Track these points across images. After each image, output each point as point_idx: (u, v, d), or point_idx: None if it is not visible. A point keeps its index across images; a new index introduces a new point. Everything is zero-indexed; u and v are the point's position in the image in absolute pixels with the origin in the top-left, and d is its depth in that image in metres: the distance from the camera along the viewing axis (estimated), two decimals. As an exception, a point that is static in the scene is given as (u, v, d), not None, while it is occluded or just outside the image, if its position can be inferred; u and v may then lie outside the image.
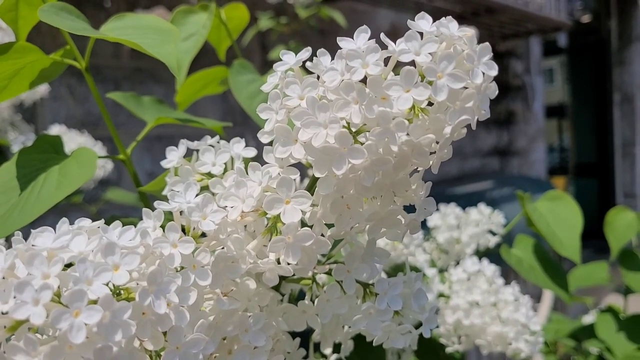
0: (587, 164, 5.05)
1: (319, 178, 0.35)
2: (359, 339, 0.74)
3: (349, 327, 0.45)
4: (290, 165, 0.37)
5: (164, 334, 0.31)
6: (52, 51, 0.54)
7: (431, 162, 0.35)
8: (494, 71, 0.32)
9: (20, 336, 0.27)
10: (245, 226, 0.37)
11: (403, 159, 0.34)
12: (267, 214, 0.37)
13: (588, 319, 1.52)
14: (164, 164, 0.43)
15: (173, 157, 0.43)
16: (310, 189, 0.37)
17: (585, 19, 4.62)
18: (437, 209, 0.83)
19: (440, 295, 0.72)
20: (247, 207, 0.35)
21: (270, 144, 0.37)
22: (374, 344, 0.40)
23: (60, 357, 0.26)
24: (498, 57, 3.40)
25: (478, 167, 3.34)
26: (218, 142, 0.43)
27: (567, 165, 5.36)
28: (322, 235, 0.37)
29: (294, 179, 0.35)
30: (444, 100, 0.31)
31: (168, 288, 0.30)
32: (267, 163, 0.37)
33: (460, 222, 0.82)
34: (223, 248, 0.35)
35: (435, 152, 0.35)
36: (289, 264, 0.35)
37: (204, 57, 0.84)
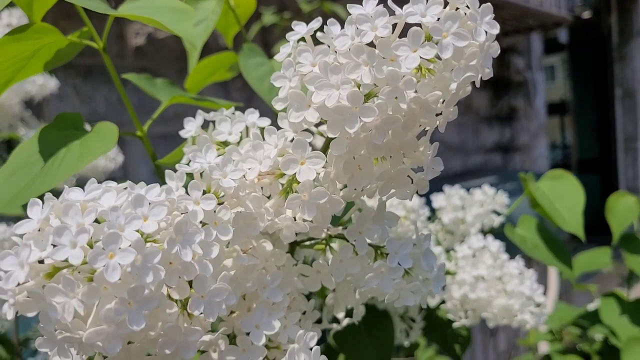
0: (589, 160, 5.06)
1: (331, 140, 0.37)
2: (367, 316, 0.76)
3: (360, 293, 0.47)
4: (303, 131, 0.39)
5: (190, 284, 0.33)
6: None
7: (438, 122, 0.37)
8: (495, 30, 0.34)
9: (58, 280, 0.29)
10: (262, 189, 0.39)
11: (411, 117, 0.36)
12: (282, 176, 0.39)
13: (592, 306, 1.54)
14: (183, 133, 0.45)
15: (191, 127, 0.45)
16: (324, 151, 0.39)
17: (586, 14, 4.63)
18: (442, 191, 0.85)
19: (447, 272, 0.74)
20: (264, 167, 0.37)
21: (284, 111, 0.39)
22: (385, 301, 0.42)
23: (96, 298, 0.28)
24: (499, 53, 3.41)
25: (481, 163, 3.35)
26: (233, 114, 0.45)
27: (570, 162, 5.37)
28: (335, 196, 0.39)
29: (309, 141, 0.37)
30: (450, 58, 0.33)
31: (193, 238, 0.32)
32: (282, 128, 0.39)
33: (465, 203, 0.84)
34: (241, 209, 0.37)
35: (441, 114, 0.37)
36: (305, 221, 0.37)
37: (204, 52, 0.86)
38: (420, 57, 0.33)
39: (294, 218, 0.38)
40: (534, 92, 3.76)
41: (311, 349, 0.39)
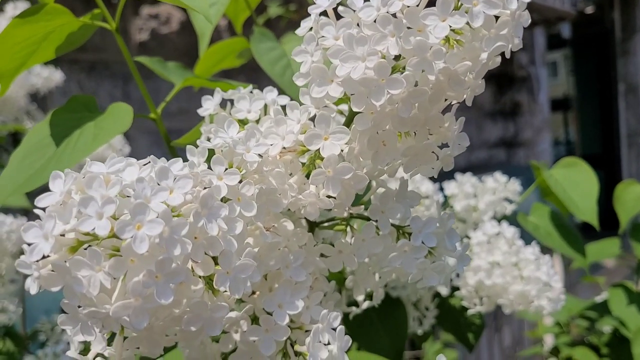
0: (593, 155, 5.04)
1: (355, 116, 0.36)
2: (380, 305, 0.76)
3: (382, 274, 0.46)
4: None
5: (214, 262, 0.33)
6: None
7: (465, 95, 0.36)
8: (527, -2, 0.33)
9: (83, 253, 0.28)
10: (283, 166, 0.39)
11: (439, 90, 0.35)
12: (304, 153, 0.38)
13: (600, 299, 1.53)
14: (200, 112, 0.44)
15: (209, 105, 0.44)
16: (347, 126, 0.38)
17: (589, 9, 4.62)
18: (454, 178, 0.84)
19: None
20: (287, 142, 0.37)
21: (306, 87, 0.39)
22: (409, 281, 0.41)
23: (123, 270, 0.27)
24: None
25: (485, 159, 3.34)
26: (251, 92, 0.44)
27: (573, 157, 5.34)
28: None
29: (332, 116, 0.37)
30: (480, 27, 0.32)
31: (218, 212, 0.31)
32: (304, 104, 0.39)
33: (477, 190, 0.83)
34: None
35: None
36: (329, 197, 0.37)
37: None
38: (450, 27, 0.32)
39: (318, 194, 0.37)
40: (537, 87, 3.75)
41: (335, 329, 0.38)
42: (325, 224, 0.46)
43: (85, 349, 0.37)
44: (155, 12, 2.00)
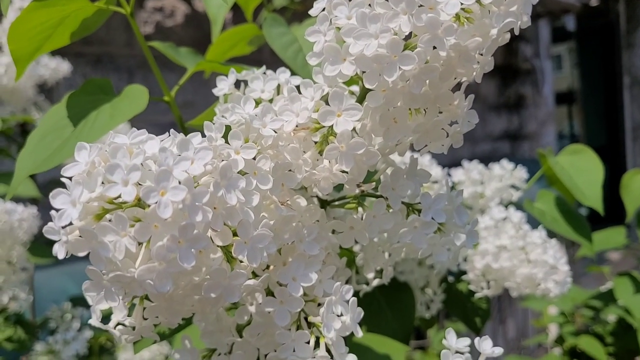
0: (597, 148, 5.02)
1: (367, 93, 0.37)
2: (387, 289, 0.77)
3: (392, 250, 0.47)
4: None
5: (232, 233, 0.34)
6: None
7: (474, 73, 0.37)
8: (537, -26, 0.34)
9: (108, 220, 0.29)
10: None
11: (449, 67, 0.36)
12: (317, 130, 0.39)
13: (605, 289, 1.53)
14: (215, 91, 0.45)
15: (224, 85, 0.45)
16: (360, 103, 0.39)
17: (594, 2, 4.60)
18: (461, 165, 0.85)
19: (467, 245, 0.74)
20: (301, 119, 0.38)
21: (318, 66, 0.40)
22: (419, 256, 0.42)
23: (148, 235, 0.28)
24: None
25: (489, 151, 3.35)
26: (264, 73, 0.45)
27: (577, 151, 5.33)
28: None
29: (345, 93, 0.38)
30: (490, 4, 0.33)
31: (237, 183, 0.32)
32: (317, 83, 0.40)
33: (484, 177, 0.84)
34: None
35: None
36: (342, 172, 0.38)
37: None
38: (461, 4, 0.33)
39: (331, 169, 0.38)
40: (542, 79, 3.74)
41: (347, 301, 0.39)
42: (336, 203, 0.47)
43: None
44: (159, 5, 2.01)
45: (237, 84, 0.46)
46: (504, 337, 2.89)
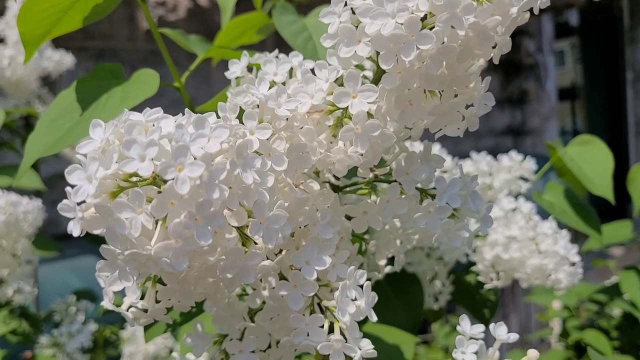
0: (600, 144, 5.01)
1: (382, 75, 0.37)
2: (395, 280, 0.76)
3: (406, 236, 0.47)
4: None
5: (248, 214, 0.33)
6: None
7: (492, 54, 0.37)
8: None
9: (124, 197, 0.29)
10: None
11: (467, 47, 0.35)
12: (332, 112, 0.39)
13: (610, 283, 1.53)
14: (228, 74, 0.44)
15: (236, 68, 0.44)
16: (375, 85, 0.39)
17: (597, -3, 4.59)
18: (469, 157, 0.85)
19: (477, 235, 0.74)
20: (316, 100, 0.37)
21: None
22: (433, 241, 0.42)
23: (164, 212, 0.28)
24: (510, 35, 3.38)
25: (492, 146, 3.34)
26: (277, 57, 0.44)
27: (580, 147, 5.32)
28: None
29: (360, 75, 0.37)
30: (511, -19, 0.33)
31: (253, 163, 0.32)
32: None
33: (492, 169, 0.84)
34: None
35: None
36: (357, 154, 0.37)
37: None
38: (480, -19, 0.33)
39: (346, 152, 0.37)
40: (545, 75, 3.73)
41: (361, 286, 0.39)
42: (348, 189, 0.47)
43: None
44: (162, -1, 2.00)
45: (249, 70, 0.46)
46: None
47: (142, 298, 0.37)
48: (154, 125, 0.31)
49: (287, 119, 0.36)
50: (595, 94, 5.05)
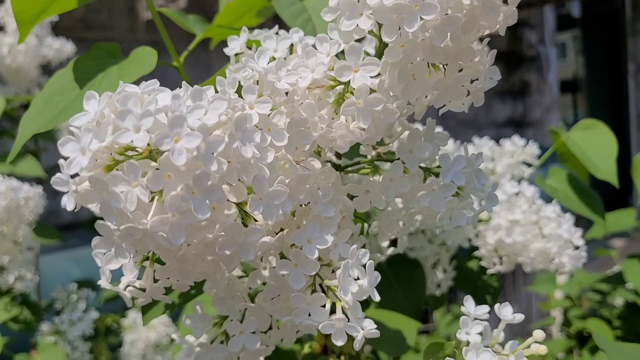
0: (601, 136, 4.99)
1: (385, 49, 0.36)
2: (397, 266, 0.75)
3: (409, 215, 0.46)
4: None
5: (247, 191, 0.32)
6: None
7: (497, 26, 0.36)
8: None
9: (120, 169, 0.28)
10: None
11: (471, 19, 0.34)
12: (333, 88, 0.38)
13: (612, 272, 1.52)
14: (227, 51, 0.43)
15: (235, 45, 0.43)
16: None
17: (599, -12, 4.57)
18: (471, 141, 0.84)
19: (479, 220, 0.73)
20: (317, 74, 0.36)
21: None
22: (437, 220, 0.41)
23: (161, 185, 0.27)
24: (512, 27, 3.37)
25: (494, 138, 3.32)
26: (277, 33, 0.43)
27: (582, 139, 5.30)
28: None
29: (362, 49, 0.36)
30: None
31: (252, 136, 0.31)
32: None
33: (495, 154, 0.83)
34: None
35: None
36: (359, 129, 0.36)
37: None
38: (486, -52, 0.32)
39: (348, 127, 0.37)
40: (546, 66, 3.71)
41: (364, 265, 0.38)
42: (350, 169, 0.46)
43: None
44: (163, -11, 1.99)
45: (249, 48, 0.45)
46: (508, 324, 2.88)
47: (140, 278, 0.36)
48: (150, 96, 0.30)
49: (287, 93, 0.35)
50: (597, 86, 5.03)
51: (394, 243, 0.49)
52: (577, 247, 0.66)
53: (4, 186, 0.87)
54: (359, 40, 0.38)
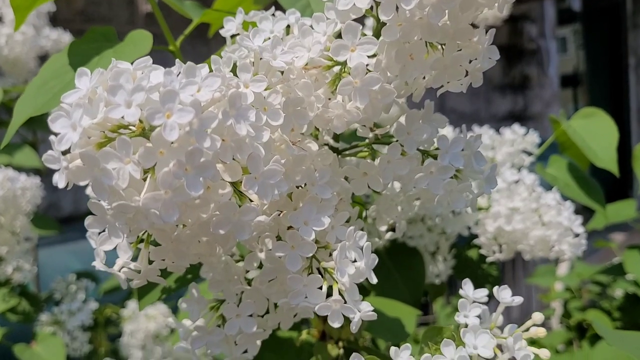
0: (602, 130, 4.98)
1: (382, 28, 0.36)
2: (397, 254, 0.75)
3: (407, 198, 0.46)
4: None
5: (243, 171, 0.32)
6: None
7: (496, 5, 0.35)
8: None
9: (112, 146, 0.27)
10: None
11: (470, -4, 0.34)
12: (329, 69, 0.37)
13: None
14: (223, 32, 0.43)
15: (231, 26, 0.43)
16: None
17: (600, -19, 4.55)
18: (471, 129, 0.83)
19: (479, 208, 0.72)
20: (314, 53, 0.36)
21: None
22: (435, 203, 0.41)
23: (153, 161, 0.27)
24: (512, 20, 3.36)
25: (494, 132, 3.32)
26: (273, 15, 0.43)
27: (582, 133, 5.29)
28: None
29: (360, 28, 0.36)
30: None
31: (246, 114, 0.31)
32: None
33: (495, 143, 0.82)
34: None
35: None
36: (356, 109, 0.36)
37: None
38: None
39: (345, 107, 0.36)
40: (547, 60, 3.70)
41: (361, 248, 0.38)
42: (348, 152, 0.45)
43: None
44: (162, -20, 1.98)
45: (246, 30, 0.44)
46: (508, 317, 2.89)
47: (135, 260, 0.36)
48: (143, 72, 0.29)
49: (282, 73, 0.34)
50: (597, 80, 5.02)
51: (393, 229, 0.49)
52: (577, 235, 0.66)
53: (1, 176, 0.87)
54: (357, 21, 0.37)
